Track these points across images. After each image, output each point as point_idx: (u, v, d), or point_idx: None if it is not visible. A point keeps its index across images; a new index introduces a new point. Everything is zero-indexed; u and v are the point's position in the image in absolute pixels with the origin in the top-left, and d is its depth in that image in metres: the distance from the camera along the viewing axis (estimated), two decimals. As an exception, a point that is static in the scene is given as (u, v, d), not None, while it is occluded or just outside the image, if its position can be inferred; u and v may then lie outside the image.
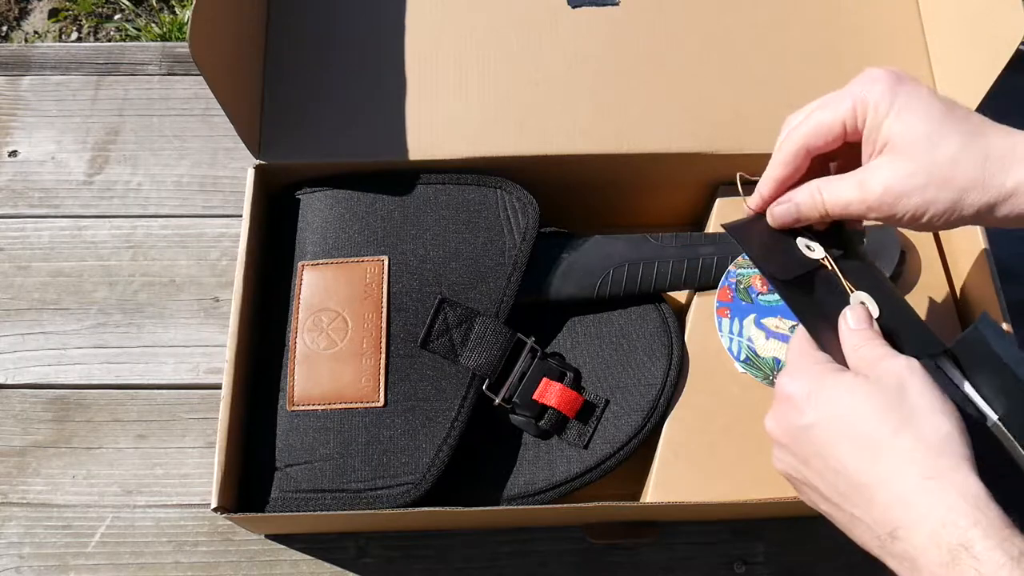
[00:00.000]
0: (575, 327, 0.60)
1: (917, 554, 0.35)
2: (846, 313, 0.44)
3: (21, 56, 0.80)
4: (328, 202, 0.61)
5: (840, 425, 0.39)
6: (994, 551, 0.33)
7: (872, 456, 0.38)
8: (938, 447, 0.37)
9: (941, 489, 0.35)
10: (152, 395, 0.67)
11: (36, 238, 0.72)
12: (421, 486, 0.54)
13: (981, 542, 0.33)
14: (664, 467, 0.55)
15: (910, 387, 0.39)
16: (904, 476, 0.36)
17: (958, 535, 0.34)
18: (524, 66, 0.64)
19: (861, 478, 0.38)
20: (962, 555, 0.33)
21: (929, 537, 0.34)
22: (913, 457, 0.37)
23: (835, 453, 0.39)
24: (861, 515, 0.38)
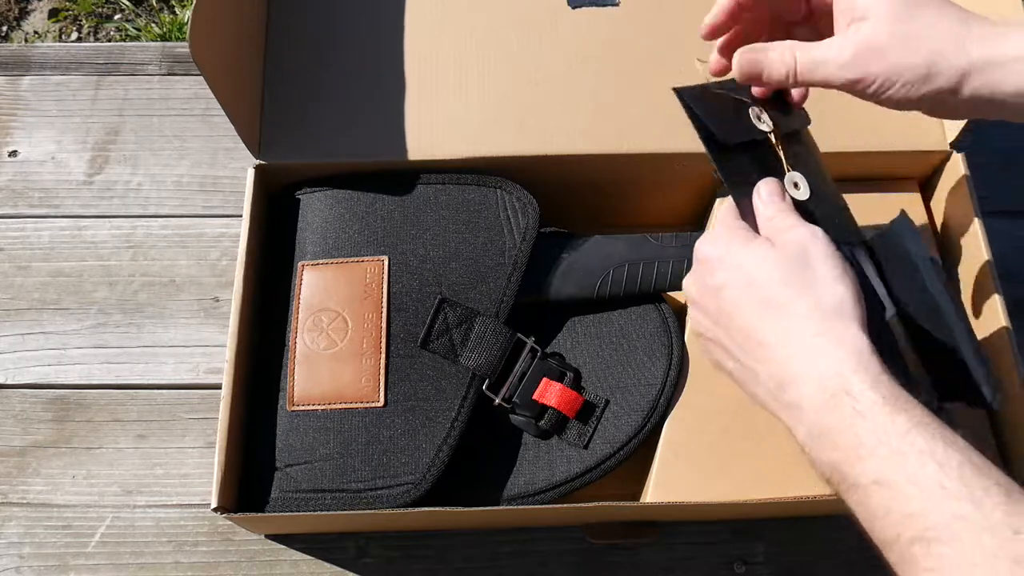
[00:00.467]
0: (575, 327, 0.60)
1: (803, 400, 0.38)
2: (759, 186, 0.46)
3: (21, 56, 0.80)
4: (328, 202, 0.61)
5: (746, 287, 0.42)
6: (870, 391, 0.37)
7: (773, 317, 0.41)
8: (832, 309, 0.40)
9: (830, 344, 0.39)
10: (152, 395, 0.67)
11: (36, 238, 0.72)
12: (421, 486, 0.54)
13: (859, 385, 0.37)
14: (664, 467, 0.55)
15: (812, 254, 0.42)
16: (799, 335, 0.40)
17: (841, 382, 0.37)
18: (524, 66, 0.64)
19: (762, 336, 0.41)
20: (842, 396, 0.37)
21: (816, 385, 0.38)
22: (809, 317, 0.40)
23: (741, 312, 0.42)
24: (760, 370, 0.41)
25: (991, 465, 0.34)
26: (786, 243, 0.43)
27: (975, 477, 0.33)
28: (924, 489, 0.33)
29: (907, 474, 0.34)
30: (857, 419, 0.36)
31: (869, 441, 0.36)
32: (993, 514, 0.31)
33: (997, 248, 0.59)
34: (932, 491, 0.33)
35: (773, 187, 0.46)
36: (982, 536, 0.31)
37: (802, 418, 0.39)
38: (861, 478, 0.36)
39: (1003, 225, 0.69)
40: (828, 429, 0.37)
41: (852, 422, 0.36)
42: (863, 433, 0.36)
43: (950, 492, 0.33)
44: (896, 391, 0.37)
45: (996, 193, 0.70)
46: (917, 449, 0.34)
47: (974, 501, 0.32)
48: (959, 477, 0.33)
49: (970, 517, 0.32)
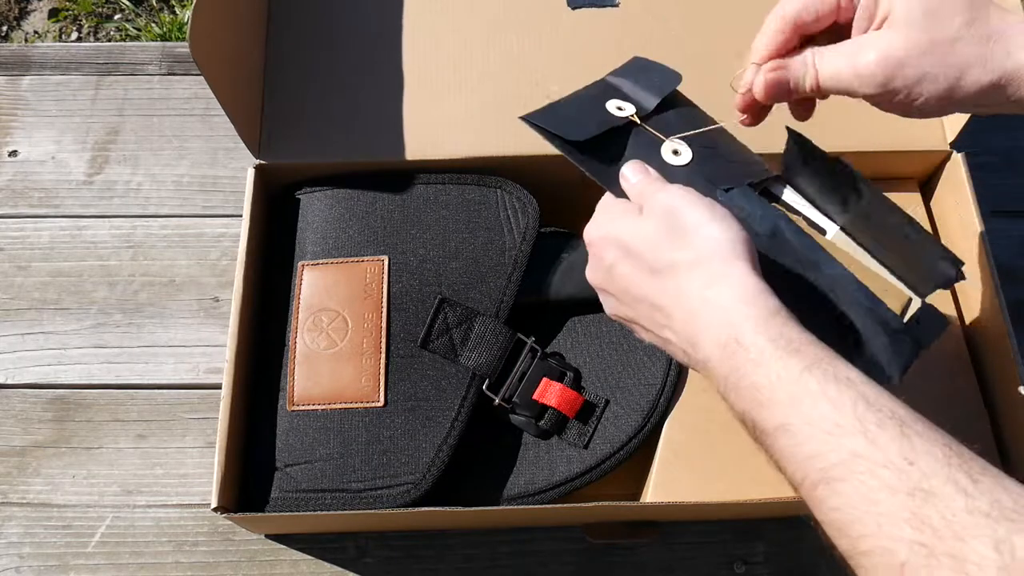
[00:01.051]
0: (575, 327, 0.60)
1: (707, 357, 0.39)
2: (623, 169, 0.46)
3: (21, 56, 0.80)
4: (328, 202, 0.61)
5: (631, 258, 0.42)
6: (758, 336, 0.37)
7: (662, 281, 0.41)
8: (712, 254, 0.40)
9: (717, 295, 0.39)
10: (152, 395, 0.67)
11: (36, 238, 0.72)
12: (421, 486, 0.54)
13: (749, 332, 0.37)
14: (664, 467, 0.55)
15: (679, 208, 0.42)
16: (688, 292, 0.40)
17: (731, 331, 0.37)
18: (524, 66, 0.64)
19: (659, 302, 0.41)
20: (734, 346, 0.37)
21: (713, 340, 0.38)
22: (692, 271, 0.40)
23: (634, 284, 0.42)
24: (669, 336, 0.41)
25: (884, 395, 0.34)
26: (653, 206, 0.43)
27: (868, 412, 0.33)
28: (821, 429, 0.33)
29: (803, 416, 0.34)
30: (751, 367, 0.36)
31: (765, 387, 0.36)
32: (889, 448, 0.32)
33: (997, 248, 0.59)
34: (828, 430, 0.33)
35: (635, 165, 0.47)
36: (879, 471, 0.31)
37: (712, 374, 0.39)
38: (766, 424, 0.36)
39: (1003, 225, 0.69)
40: (730, 381, 0.37)
41: (747, 371, 0.36)
42: (759, 380, 0.36)
43: (845, 430, 0.33)
44: (787, 331, 0.37)
45: (996, 193, 0.70)
46: (810, 390, 0.34)
47: (868, 437, 0.32)
48: (853, 414, 0.33)
49: (866, 453, 0.32)
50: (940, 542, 0.29)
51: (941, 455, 0.31)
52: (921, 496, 0.30)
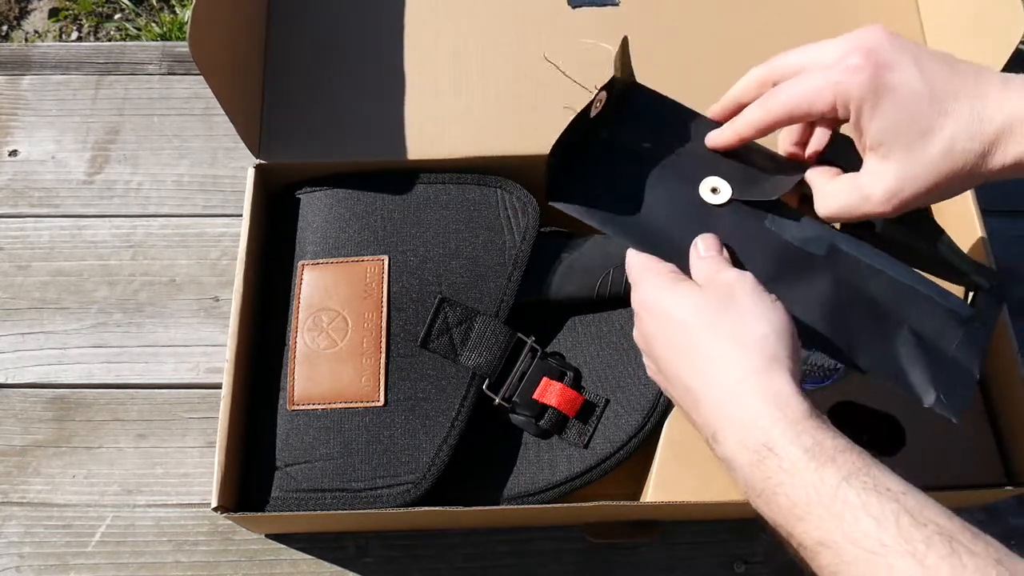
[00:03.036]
0: (575, 327, 0.60)
1: (733, 456, 0.37)
2: (697, 243, 0.45)
3: (21, 56, 0.80)
4: (328, 202, 0.61)
5: (673, 333, 0.41)
6: (792, 445, 0.35)
7: (696, 363, 0.40)
8: (752, 348, 0.38)
9: (746, 393, 0.37)
10: (152, 395, 0.67)
11: (36, 237, 0.72)
12: (421, 486, 0.54)
13: (780, 440, 0.35)
14: (664, 467, 0.55)
15: (738, 294, 0.41)
16: (720, 382, 0.38)
17: (760, 436, 0.36)
18: (524, 66, 0.64)
19: (689, 383, 0.40)
20: (766, 453, 0.36)
21: (739, 440, 0.37)
22: (729, 362, 0.39)
23: (671, 360, 0.42)
24: (696, 419, 0.40)
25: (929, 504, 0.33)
26: (715, 285, 0.42)
27: (913, 529, 0.32)
28: (865, 549, 0.32)
29: (845, 534, 0.33)
30: (784, 477, 0.35)
31: (801, 501, 0.34)
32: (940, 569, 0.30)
33: (997, 248, 0.59)
34: (873, 550, 0.32)
35: (711, 241, 0.45)
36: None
37: (736, 475, 0.38)
38: (804, 539, 0.34)
39: (1003, 225, 0.69)
40: (760, 489, 0.36)
41: (781, 480, 0.35)
42: (793, 493, 0.35)
43: (891, 549, 0.31)
44: (819, 436, 0.35)
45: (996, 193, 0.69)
46: (850, 505, 0.33)
47: (916, 557, 0.31)
48: (898, 531, 0.32)
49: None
50: None
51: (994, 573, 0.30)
52: None
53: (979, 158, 0.40)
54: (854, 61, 0.41)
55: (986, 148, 0.40)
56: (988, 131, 0.39)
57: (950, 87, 0.40)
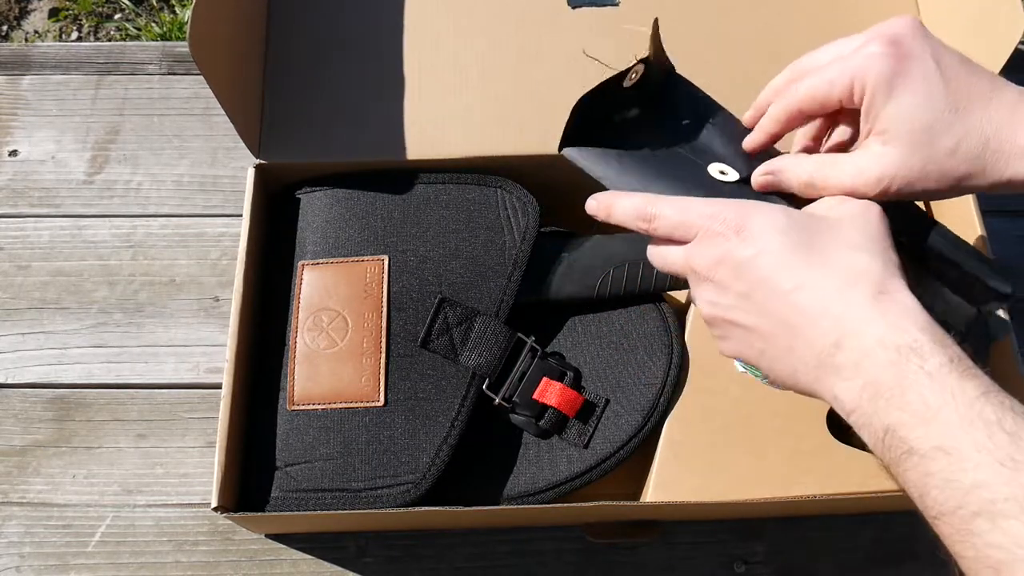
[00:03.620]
0: (575, 327, 0.60)
1: (861, 357, 0.36)
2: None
3: (21, 55, 0.80)
4: (328, 201, 0.61)
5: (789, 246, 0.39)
6: (940, 352, 0.35)
7: (824, 273, 0.38)
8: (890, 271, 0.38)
9: (892, 302, 0.37)
10: (152, 394, 0.67)
11: (36, 237, 0.72)
12: (421, 485, 0.54)
13: (928, 344, 0.35)
14: (664, 467, 0.55)
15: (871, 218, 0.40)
16: (857, 292, 0.37)
17: (908, 338, 0.35)
18: (524, 66, 0.64)
19: (813, 293, 0.38)
20: (909, 354, 0.35)
21: (878, 340, 0.36)
22: (868, 274, 0.38)
23: (786, 273, 0.39)
24: (806, 334, 0.38)
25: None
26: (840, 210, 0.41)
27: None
28: (994, 458, 0.32)
29: (975, 442, 0.32)
30: (924, 379, 0.34)
31: (935, 404, 0.34)
32: None
33: (997, 248, 0.59)
34: (1002, 462, 0.31)
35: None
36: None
37: (858, 376, 0.36)
38: (921, 443, 0.34)
39: (1003, 225, 0.69)
40: (890, 389, 0.35)
41: (918, 381, 0.34)
42: (929, 395, 0.34)
43: (1021, 464, 0.31)
44: (962, 355, 0.35)
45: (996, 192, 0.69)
46: (986, 418, 0.33)
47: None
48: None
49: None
50: None
51: None
52: None
53: (979, 166, 0.40)
54: (876, 48, 0.41)
55: (989, 158, 0.40)
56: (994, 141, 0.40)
57: (966, 90, 0.40)
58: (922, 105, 0.40)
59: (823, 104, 0.44)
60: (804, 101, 0.44)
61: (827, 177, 0.44)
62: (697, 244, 0.42)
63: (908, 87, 0.41)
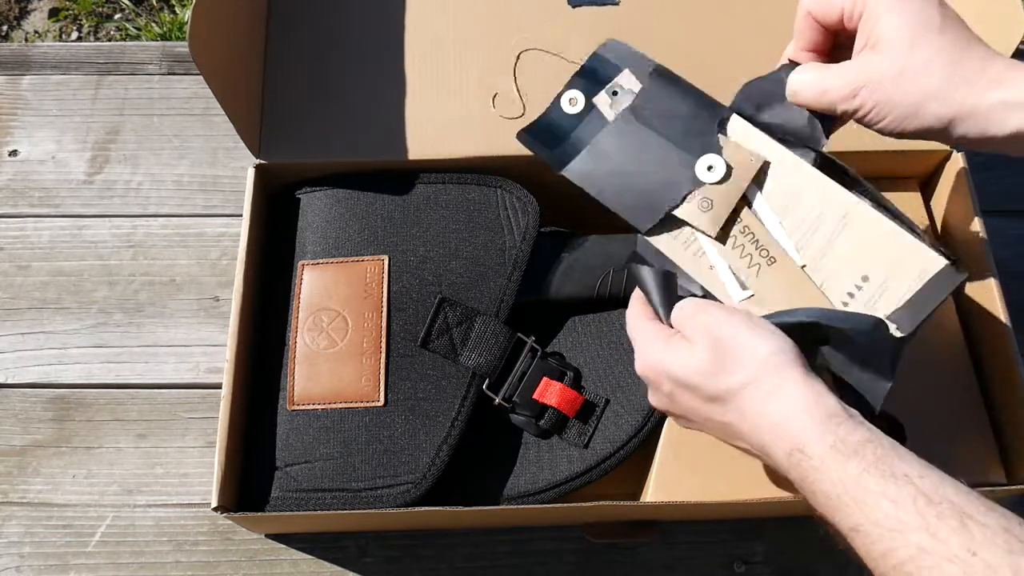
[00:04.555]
0: (575, 327, 0.60)
1: (779, 464, 0.41)
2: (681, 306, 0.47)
3: (21, 55, 0.80)
4: (328, 201, 0.61)
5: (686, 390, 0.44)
6: (817, 444, 0.38)
7: (722, 404, 0.43)
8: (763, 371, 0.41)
9: (775, 410, 0.40)
10: (152, 394, 0.67)
11: (36, 237, 0.72)
12: (421, 485, 0.54)
13: (809, 441, 0.39)
14: (664, 467, 0.55)
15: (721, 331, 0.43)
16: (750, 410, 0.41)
17: (794, 442, 0.39)
18: (524, 66, 0.64)
19: (723, 420, 0.43)
20: (798, 456, 0.39)
21: (780, 451, 0.40)
22: (748, 391, 0.41)
23: (699, 410, 0.44)
24: (744, 445, 0.43)
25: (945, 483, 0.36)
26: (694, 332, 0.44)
27: (928, 507, 0.35)
28: (887, 529, 0.35)
29: (868, 517, 0.36)
30: (816, 475, 0.38)
31: (833, 493, 0.38)
32: (951, 541, 0.33)
33: (997, 248, 0.59)
34: (894, 528, 0.35)
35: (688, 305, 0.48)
36: (945, 565, 0.33)
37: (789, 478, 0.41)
38: (841, 527, 0.38)
39: (1003, 225, 0.69)
40: (803, 487, 0.40)
41: (814, 478, 0.38)
42: (826, 488, 0.38)
43: (909, 526, 0.35)
44: (844, 433, 0.38)
45: (996, 193, 0.70)
46: (871, 492, 0.36)
47: (930, 531, 0.34)
48: (915, 510, 0.35)
49: (931, 548, 0.34)
50: None
51: (1002, 543, 0.33)
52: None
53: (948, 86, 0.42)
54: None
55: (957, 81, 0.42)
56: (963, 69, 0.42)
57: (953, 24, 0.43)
58: (911, 22, 0.43)
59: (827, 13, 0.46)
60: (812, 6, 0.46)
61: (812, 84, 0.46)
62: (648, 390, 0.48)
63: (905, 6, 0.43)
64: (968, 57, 0.42)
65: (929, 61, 0.42)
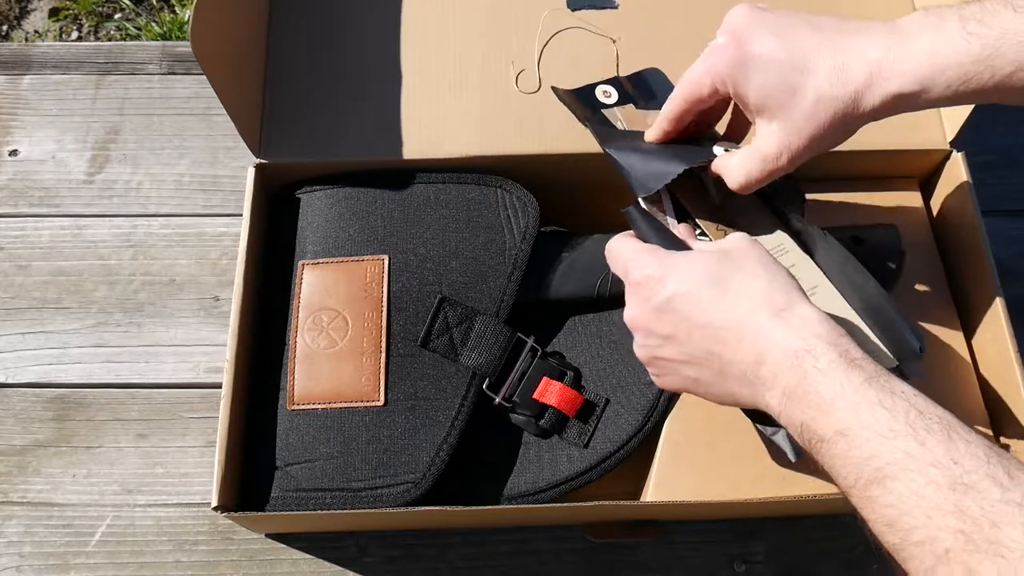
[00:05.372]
0: (575, 326, 0.60)
1: (776, 368, 0.41)
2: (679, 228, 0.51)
3: (21, 55, 0.80)
4: (328, 201, 0.61)
5: (700, 287, 0.44)
6: (828, 349, 0.40)
7: (732, 304, 0.43)
8: (781, 288, 0.43)
9: (791, 316, 0.42)
10: (152, 394, 0.67)
11: (36, 237, 0.72)
12: (421, 485, 0.54)
13: (820, 345, 0.40)
14: (664, 467, 0.55)
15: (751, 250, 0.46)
16: (762, 314, 0.42)
17: (803, 343, 0.41)
18: (524, 66, 0.64)
19: (727, 323, 0.43)
20: (805, 356, 0.40)
21: (783, 350, 0.41)
22: (766, 298, 0.43)
23: (699, 311, 0.44)
24: (730, 358, 0.43)
25: (933, 405, 0.38)
26: (723, 245, 0.47)
27: (919, 419, 0.37)
28: (877, 433, 0.37)
29: (862, 422, 0.37)
30: (818, 376, 0.39)
31: (829, 396, 0.39)
32: (936, 449, 0.35)
33: (997, 248, 0.59)
34: (883, 434, 0.37)
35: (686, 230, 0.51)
36: (928, 469, 0.35)
37: (776, 384, 0.41)
38: (826, 431, 0.39)
39: (1003, 224, 0.69)
40: (795, 390, 0.40)
41: (814, 379, 0.40)
42: (823, 389, 0.39)
43: (899, 433, 0.36)
44: (851, 349, 0.40)
45: (996, 192, 0.70)
46: (869, 400, 0.38)
47: (918, 439, 0.36)
48: (906, 421, 0.37)
49: (916, 453, 0.36)
50: (978, 529, 0.33)
51: (983, 455, 0.35)
52: (962, 489, 0.34)
53: (850, 103, 0.44)
54: (720, 41, 0.47)
55: (853, 93, 0.43)
56: (852, 78, 0.43)
57: (811, 45, 0.44)
58: (775, 77, 0.45)
59: (698, 101, 0.49)
60: (683, 104, 0.50)
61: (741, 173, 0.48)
62: (628, 297, 0.48)
63: (756, 67, 0.45)
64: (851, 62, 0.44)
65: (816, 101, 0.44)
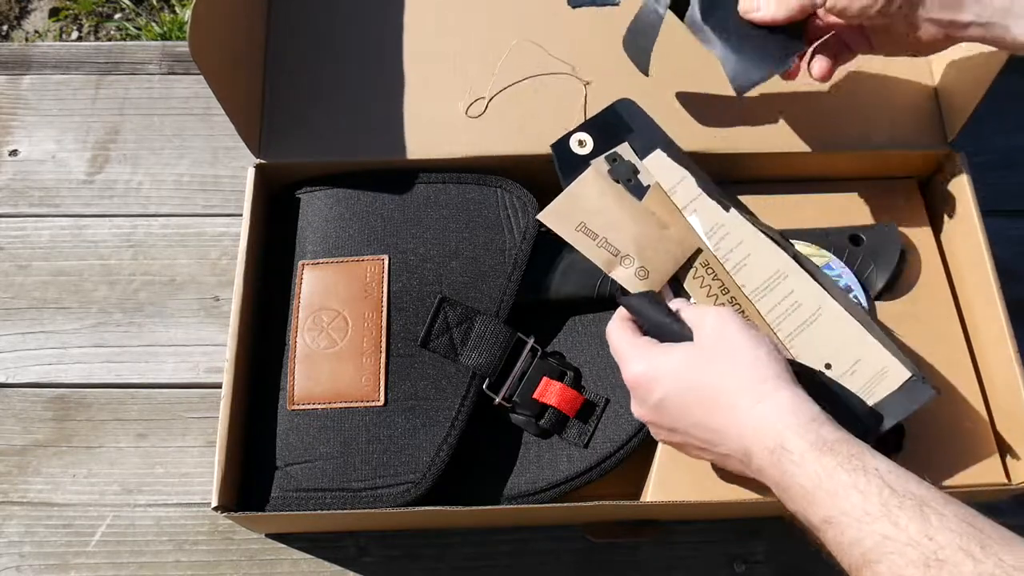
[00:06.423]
0: (575, 326, 0.60)
1: (761, 465, 0.43)
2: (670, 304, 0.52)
3: (22, 55, 0.80)
4: (328, 201, 0.61)
5: (684, 392, 0.47)
6: (799, 440, 0.42)
7: (717, 407, 0.45)
8: (754, 374, 0.45)
9: (766, 409, 0.44)
10: (152, 394, 0.67)
11: (36, 237, 0.72)
12: (421, 485, 0.54)
13: (791, 437, 0.42)
14: (664, 467, 0.55)
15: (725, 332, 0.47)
16: (743, 412, 0.44)
17: (778, 439, 0.42)
18: (524, 66, 0.64)
19: (714, 424, 0.46)
20: (780, 452, 0.42)
21: (763, 448, 0.43)
22: (740, 392, 0.45)
23: (689, 414, 0.47)
24: (727, 451, 0.46)
25: (910, 479, 0.39)
26: (704, 333, 0.48)
27: (892, 498, 0.38)
28: (855, 519, 0.38)
29: (839, 508, 0.39)
30: (795, 468, 0.41)
31: (810, 487, 0.40)
32: (910, 527, 0.37)
33: (997, 248, 0.59)
34: (861, 519, 0.38)
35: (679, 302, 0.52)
36: (905, 549, 0.36)
37: (765, 477, 0.43)
38: (815, 520, 0.40)
39: (1003, 225, 0.69)
40: (781, 484, 0.42)
41: (793, 472, 0.41)
42: (803, 481, 0.41)
43: (874, 516, 0.38)
44: (824, 432, 0.42)
45: (996, 193, 0.70)
46: (844, 485, 0.39)
47: (891, 520, 0.37)
48: (880, 502, 0.38)
49: (892, 535, 0.37)
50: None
51: (955, 527, 0.36)
52: (937, 566, 0.35)
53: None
54: None
55: None
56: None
57: None
58: None
59: None
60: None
61: None
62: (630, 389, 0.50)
63: None
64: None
65: None
